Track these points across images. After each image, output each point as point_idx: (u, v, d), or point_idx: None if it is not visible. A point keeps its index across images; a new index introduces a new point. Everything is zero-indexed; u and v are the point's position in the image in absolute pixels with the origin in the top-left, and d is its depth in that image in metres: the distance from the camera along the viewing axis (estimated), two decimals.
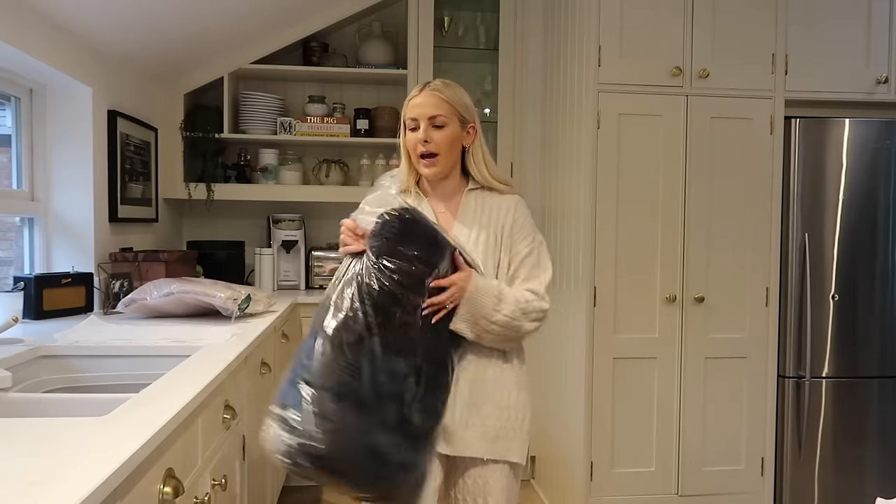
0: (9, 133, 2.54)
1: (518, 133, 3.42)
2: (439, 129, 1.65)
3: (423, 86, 1.69)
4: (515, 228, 1.69)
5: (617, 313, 2.73)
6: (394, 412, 1.40)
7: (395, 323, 1.43)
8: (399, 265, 1.44)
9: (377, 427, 1.38)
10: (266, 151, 3.52)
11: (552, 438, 3.11)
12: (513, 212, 1.70)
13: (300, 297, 3.21)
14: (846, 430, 2.82)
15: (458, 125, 1.67)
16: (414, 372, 1.43)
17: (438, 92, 1.65)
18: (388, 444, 1.39)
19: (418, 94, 1.68)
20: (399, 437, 1.40)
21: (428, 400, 1.45)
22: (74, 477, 0.91)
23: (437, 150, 1.65)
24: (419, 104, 1.66)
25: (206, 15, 2.84)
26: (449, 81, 1.70)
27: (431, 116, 1.64)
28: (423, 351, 1.46)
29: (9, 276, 2.58)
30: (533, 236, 1.70)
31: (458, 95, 1.68)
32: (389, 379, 1.41)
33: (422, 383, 1.44)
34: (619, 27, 2.69)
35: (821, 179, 2.79)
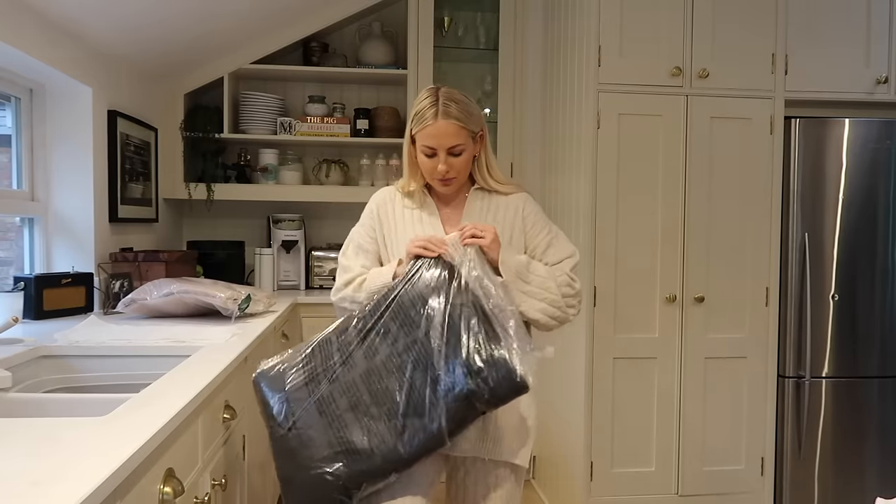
0: (9, 133, 2.54)
1: (518, 133, 3.42)
2: (457, 157, 1.64)
3: (435, 101, 1.62)
4: (528, 223, 1.71)
5: (617, 313, 2.73)
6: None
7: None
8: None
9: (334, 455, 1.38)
10: (266, 151, 3.52)
11: (552, 438, 3.11)
12: (522, 209, 1.72)
13: (300, 297, 3.21)
14: (846, 429, 2.82)
15: (471, 143, 1.66)
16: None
17: (456, 120, 1.60)
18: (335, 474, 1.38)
19: (434, 119, 1.60)
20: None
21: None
22: (74, 477, 0.91)
23: (456, 174, 1.66)
24: (437, 135, 1.61)
25: (206, 15, 2.84)
26: (456, 94, 1.65)
27: (451, 147, 1.62)
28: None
29: (9, 276, 2.58)
30: (549, 226, 1.73)
31: (470, 114, 1.64)
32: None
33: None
34: (619, 27, 2.69)
35: (821, 179, 2.79)
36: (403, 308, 1.46)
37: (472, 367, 1.37)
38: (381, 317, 1.46)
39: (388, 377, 1.40)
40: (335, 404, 1.39)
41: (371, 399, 1.39)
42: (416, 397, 1.38)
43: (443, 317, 1.43)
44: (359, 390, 1.40)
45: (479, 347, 1.39)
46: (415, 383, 1.39)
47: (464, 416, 1.39)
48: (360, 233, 1.76)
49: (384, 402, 1.38)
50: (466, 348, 1.39)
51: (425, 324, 1.43)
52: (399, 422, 1.37)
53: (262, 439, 2.29)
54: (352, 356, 1.43)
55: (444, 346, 1.40)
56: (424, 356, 1.40)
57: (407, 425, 1.37)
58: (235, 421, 1.75)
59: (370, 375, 1.41)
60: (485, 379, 1.37)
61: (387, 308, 1.47)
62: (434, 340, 1.41)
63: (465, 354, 1.39)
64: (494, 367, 1.38)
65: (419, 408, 1.37)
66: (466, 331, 1.40)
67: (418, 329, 1.43)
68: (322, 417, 1.38)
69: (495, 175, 1.73)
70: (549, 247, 1.70)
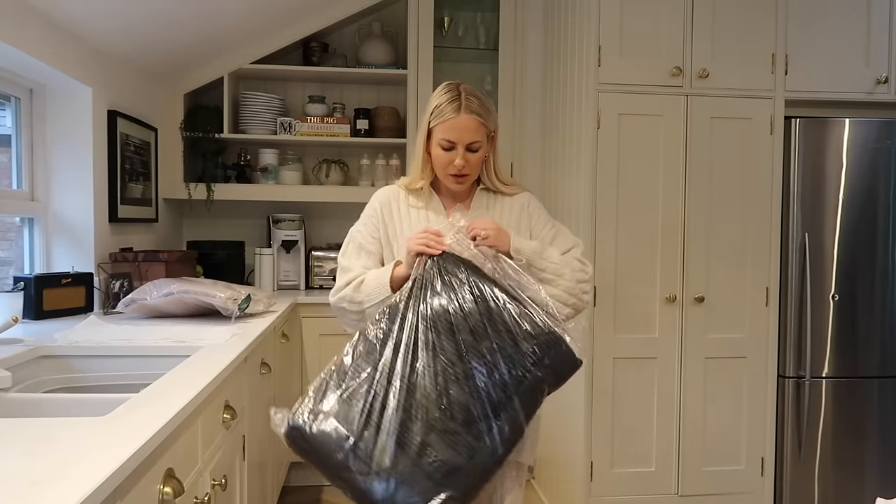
0: (9, 133, 2.54)
1: (518, 133, 3.42)
2: (474, 153, 1.64)
3: (457, 95, 1.61)
4: (534, 220, 1.73)
5: (617, 313, 2.73)
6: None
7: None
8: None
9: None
10: (266, 151, 3.52)
11: (552, 438, 3.11)
12: (527, 207, 1.74)
13: (300, 297, 3.21)
14: (846, 429, 2.82)
15: (486, 141, 1.67)
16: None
17: (479, 116, 1.61)
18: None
19: (456, 112, 1.60)
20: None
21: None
22: (74, 477, 0.91)
23: (470, 171, 1.66)
24: (459, 128, 1.61)
25: (206, 15, 2.84)
26: (479, 93, 1.66)
27: (470, 142, 1.62)
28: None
29: (9, 276, 2.58)
30: (553, 222, 1.76)
31: (489, 111, 1.65)
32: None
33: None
34: (619, 27, 2.69)
35: (821, 179, 2.79)
36: (437, 315, 1.42)
37: (535, 355, 1.40)
38: (415, 330, 1.42)
39: (452, 387, 1.37)
40: (411, 433, 1.33)
41: (443, 414, 1.35)
42: (489, 398, 1.37)
43: (481, 314, 1.42)
44: (428, 410, 1.35)
45: (531, 335, 1.41)
46: (483, 385, 1.37)
47: (535, 402, 1.43)
48: (361, 232, 1.73)
49: (459, 412, 1.35)
50: (520, 339, 1.41)
51: (466, 325, 1.41)
52: (482, 425, 1.36)
53: (262, 439, 2.29)
54: (404, 378, 1.37)
55: (497, 342, 1.40)
56: (480, 356, 1.39)
57: (490, 426, 1.36)
58: (235, 421, 1.75)
59: (434, 392, 1.36)
60: (549, 365, 1.41)
61: (419, 319, 1.42)
62: (483, 340, 1.40)
63: (522, 346, 1.40)
64: (553, 349, 1.42)
65: (496, 406, 1.37)
66: (512, 322, 1.41)
67: (462, 332, 1.40)
68: (405, 451, 1.32)
69: (501, 176, 1.75)
70: (554, 238, 1.72)
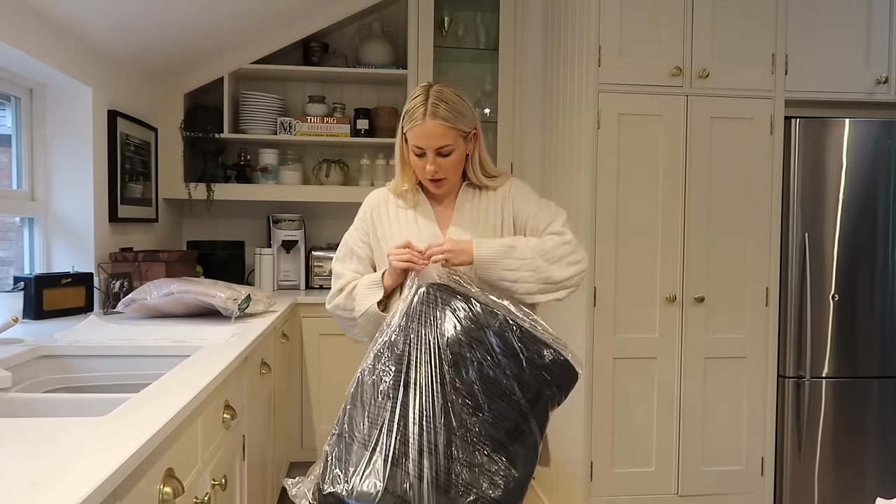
0: (9, 133, 2.54)
1: (518, 133, 3.42)
2: (447, 157, 1.62)
3: (424, 100, 1.60)
4: (517, 203, 1.72)
5: (617, 313, 2.73)
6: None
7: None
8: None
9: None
10: (266, 151, 3.52)
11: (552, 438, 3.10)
12: (509, 195, 1.73)
13: (300, 297, 3.21)
14: (846, 430, 2.82)
15: (462, 143, 1.64)
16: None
17: (444, 121, 1.59)
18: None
19: (422, 119, 1.59)
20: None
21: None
22: (74, 477, 0.91)
23: (446, 174, 1.65)
24: (426, 135, 1.60)
25: (206, 15, 2.84)
26: (448, 93, 1.62)
27: (439, 147, 1.60)
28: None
29: (9, 276, 2.58)
30: (537, 198, 1.75)
31: (460, 113, 1.61)
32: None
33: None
34: (619, 27, 2.69)
35: (821, 179, 2.79)
36: (444, 349, 1.41)
37: (545, 379, 1.42)
38: (426, 367, 1.40)
39: (469, 420, 1.37)
40: (446, 474, 1.33)
41: (467, 447, 1.35)
42: (508, 424, 1.39)
43: (488, 343, 1.42)
44: (457, 448, 1.34)
45: (542, 359, 1.43)
46: (503, 415, 1.39)
47: (546, 420, 1.47)
48: (353, 237, 1.75)
49: (484, 444, 1.36)
50: (530, 364, 1.42)
51: (475, 355, 1.41)
52: (510, 451, 1.38)
53: (262, 439, 2.29)
54: (428, 420, 1.36)
55: (510, 370, 1.41)
56: (493, 384, 1.39)
57: (514, 452, 1.38)
58: (235, 421, 1.75)
59: (460, 429, 1.35)
60: (557, 384, 1.44)
61: (427, 356, 1.41)
62: (492, 369, 1.40)
63: (534, 369, 1.42)
64: (559, 368, 1.44)
65: (516, 432, 1.39)
66: (518, 346, 1.43)
67: (473, 363, 1.40)
68: (444, 493, 1.32)
69: (487, 170, 1.73)
70: (537, 213, 1.71)
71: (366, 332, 1.66)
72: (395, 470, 1.31)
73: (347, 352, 3.12)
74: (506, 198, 1.72)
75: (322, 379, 3.21)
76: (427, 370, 1.39)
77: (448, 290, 1.48)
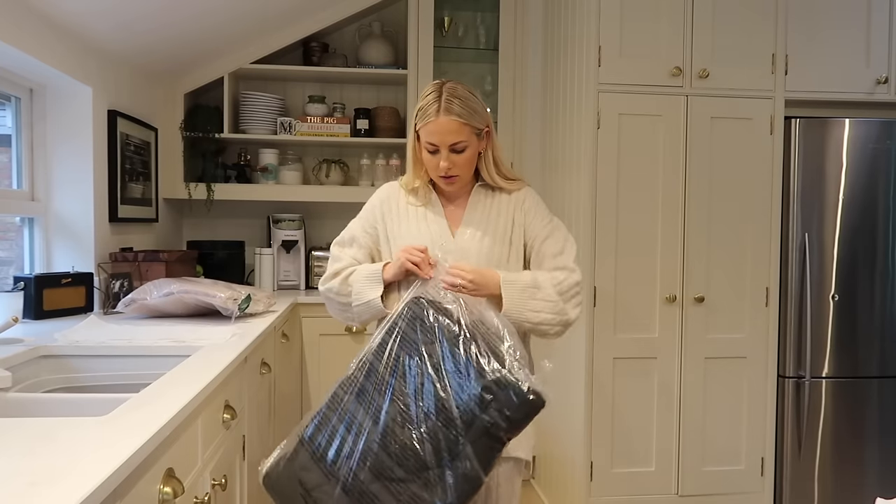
0: (9, 133, 2.54)
1: (518, 133, 3.42)
2: (460, 154, 1.62)
3: (438, 97, 1.60)
4: (529, 217, 1.70)
5: (617, 313, 2.73)
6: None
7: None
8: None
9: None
10: (266, 151, 3.52)
11: (552, 438, 3.11)
12: (522, 203, 1.71)
13: (300, 297, 3.21)
14: (846, 429, 2.82)
15: (475, 140, 1.64)
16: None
17: (458, 117, 1.58)
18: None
19: (436, 115, 1.59)
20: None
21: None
22: (74, 477, 0.91)
23: (459, 171, 1.64)
24: (438, 131, 1.59)
25: (206, 15, 2.84)
26: (461, 90, 1.62)
27: (452, 143, 1.60)
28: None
29: (9, 276, 2.57)
30: (550, 217, 1.73)
31: (474, 110, 1.62)
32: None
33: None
34: (619, 27, 2.69)
35: (821, 179, 2.79)
36: (398, 361, 1.41)
37: (483, 400, 1.34)
38: (371, 373, 1.42)
39: (402, 433, 1.34)
40: (358, 480, 1.32)
41: (393, 460, 1.32)
42: (439, 445, 1.33)
43: (443, 356, 1.39)
44: (378, 457, 1.33)
45: (484, 378, 1.35)
46: (432, 432, 1.33)
47: (490, 448, 1.35)
48: (357, 225, 1.76)
49: (407, 459, 1.32)
50: (473, 382, 1.35)
51: (424, 368, 1.38)
52: (429, 475, 1.32)
53: (262, 439, 2.29)
54: (359, 423, 1.37)
55: (450, 387, 1.36)
56: (434, 401, 1.35)
57: (439, 476, 1.32)
58: (235, 421, 1.75)
59: (384, 437, 1.34)
60: (499, 409, 1.34)
61: (383, 367, 1.42)
62: (437, 383, 1.36)
63: (473, 389, 1.34)
64: (504, 392, 1.34)
65: (446, 455, 1.32)
66: (469, 365, 1.36)
67: (420, 375, 1.38)
68: (351, 498, 1.32)
69: (502, 171, 1.72)
70: (548, 237, 1.69)
71: (360, 319, 1.68)
72: (312, 464, 1.37)
73: (348, 352, 3.12)
74: (518, 207, 1.71)
75: (322, 379, 3.21)
76: (376, 378, 1.41)
77: (426, 305, 1.45)
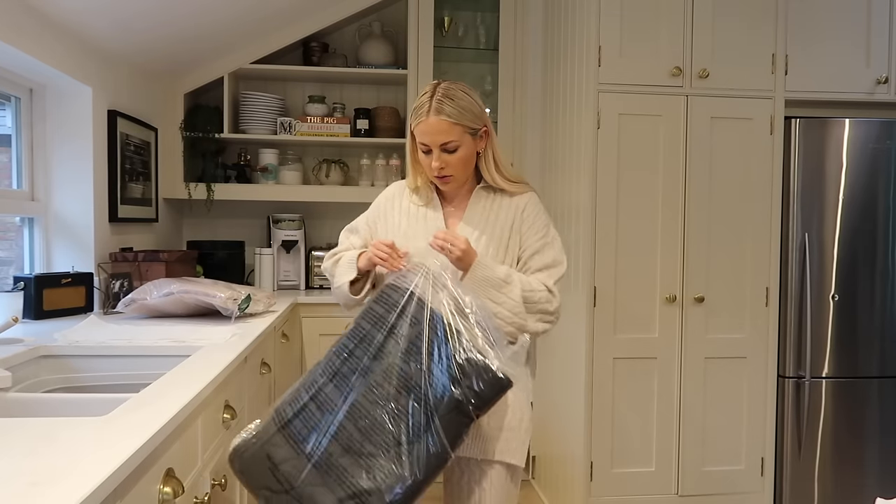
0: (9, 133, 2.54)
1: (518, 133, 3.42)
2: (452, 153, 1.61)
3: (431, 97, 1.60)
4: (525, 225, 1.68)
5: (617, 313, 2.73)
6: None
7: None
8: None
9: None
10: (266, 151, 3.52)
11: (552, 438, 3.11)
12: (522, 210, 1.69)
13: (300, 297, 3.21)
14: (846, 430, 2.82)
15: (470, 140, 1.63)
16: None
17: (447, 117, 1.58)
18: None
19: (426, 115, 1.59)
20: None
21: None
22: (74, 477, 0.91)
23: (453, 172, 1.64)
24: (429, 131, 1.60)
25: (206, 14, 2.84)
26: (454, 90, 1.62)
27: (443, 143, 1.60)
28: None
29: (9, 276, 2.57)
30: (546, 231, 1.70)
31: (466, 109, 1.60)
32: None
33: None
34: (619, 27, 2.69)
35: (821, 179, 2.79)
36: (371, 337, 1.45)
37: (454, 376, 1.36)
38: (350, 354, 1.45)
39: (373, 409, 1.37)
40: (328, 453, 1.35)
41: (363, 436, 1.35)
42: (408, 421, 1.35)
43: (415, 335, 1.41)
44: (347, 431, 1.36)
45: (456, 356, 1.37)
46: (403, 407, 1.36)
47: (458, 425, 1.37)
48: (364, 216, 1.83)
49: (377, 434, 1.35)
50: (445, 359, 1.38)
51: (397, 347, 1.41)
52: (398, 449, 1.34)
53: None
54: (331, 401, 1.40)
55: (423, 364, 1.38)
56: (405, 378, 1.38)
57: (408, 451, 1.34)
58: (235, 421, 1.75)
59: (354, 413, 1.37)
60: (469, 385, 1.36)
61: (356, 344, 1.46)
62: (410, 361, 1.39)
63: (444, 366, 1.37)
64: (475, 371, 1.36)
65: (414, 430, 1.35)
66: (441, 343, 1.39)
67: (392, 355, 1.40)
68: (319, 471, 1.35)
69: (504, 172, 1.70)
70: (537, 252, 1.67)
71: (342, 302, 1.72)
72: (281, 440, 1.39)
73: None
74: (518, 214, 1.69)
75: None
76: (349, 358, 1.45)
77: (406, 286, 1.48)
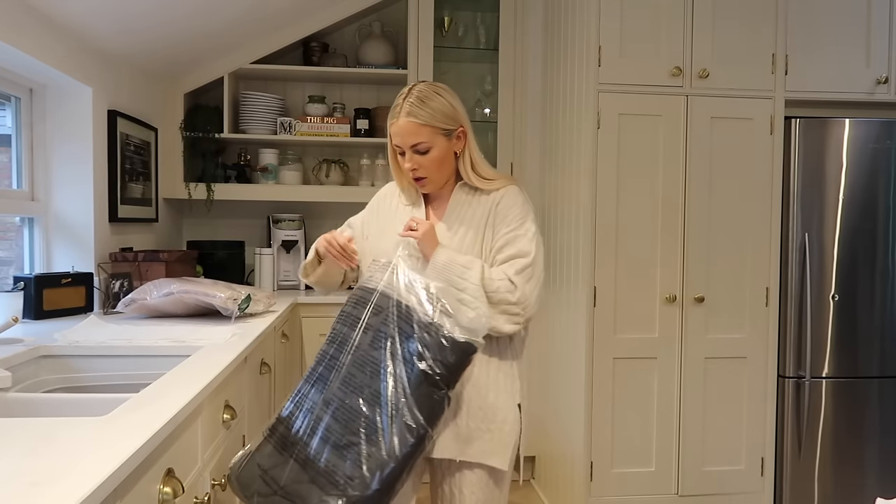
0: (9, 133, 2.54)
1: (518, 133, 3.42)
2: (424, 155, 1.60)
3: (404, 98, 1.60)
4: (498, 219, 1.63)
5: (617, 313, 2.73)
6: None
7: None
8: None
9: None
10: (266, 151, 3.52)
11: (552, 438, 3.11)
12: (497, 204, 1.64)
13: (300, 297, 3.21)
14: (846, 430, 2.82)
15: (443, 141, 1.61)
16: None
17: (414, 118, 1.57)
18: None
19: (396, 116, 1.60)
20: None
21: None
22: (74, 477, 0.91)
23: (426, 173, 1.63)
24: (398, 133, 1.60)
25: (206, 14, 2.84)
26: (428, 91, 1.60)
27: (413, 145, 1.59)
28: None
29: (9, 276, 2.57)
30: (518, 223, 1.62)
31: (436, 110, 1.58)
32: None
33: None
34: (619, 27, 2.69)
35: (821, 179, 2.79)
36: (347, 337, 1.48)
37: (418, 351, 1.40)
38: (330, 357, 1.49)
39: (350, 399, 1.40)
40: (311, 449, 1.38)
41: (343, 427, 1.38)
42: (383, 404, 1.37)
43: (380, 322, 1.45)
44: (328, 426, 1.39)
45: (416, 330, 1.41)
46: (376, 391, 1.39)
47: (431, 399, 1.38)
48: (361, 213, 1.86)
49: (355, 422, 1.37)
50: (407, 337, 1.42)
51: (366, 338, 1.45)
52: (377, 434, 1.36)
53: None
54: (313, 402, 1.44)
55: (388, 346, 1.42)
56: (374, 364, 1.41)
57: (386, 433, 1.36)
58: (235, 421, 1.75)
59: (332, 406, 1.41)
60: (433, 357, 1.39)
61: (331, 345, 1.50)
62: (378, 347, 1.43)
63: (408, 344, 1.41)
64: (435, 342, 1.40)
65: (391, 411, 1.37)
66: (404, 322, 1.43)
67: (363, 347, 1.44)
68: (304, 468, 1.37)
69: (480, 171, 1.67)
70: (506, 244, 1.60)
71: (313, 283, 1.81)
72: (273, 451, 1.43)
73: None
74: (493, 208, 1.64)
75: None
76: (326, 360, 1.48)
77: (373, 283, 1.53)
